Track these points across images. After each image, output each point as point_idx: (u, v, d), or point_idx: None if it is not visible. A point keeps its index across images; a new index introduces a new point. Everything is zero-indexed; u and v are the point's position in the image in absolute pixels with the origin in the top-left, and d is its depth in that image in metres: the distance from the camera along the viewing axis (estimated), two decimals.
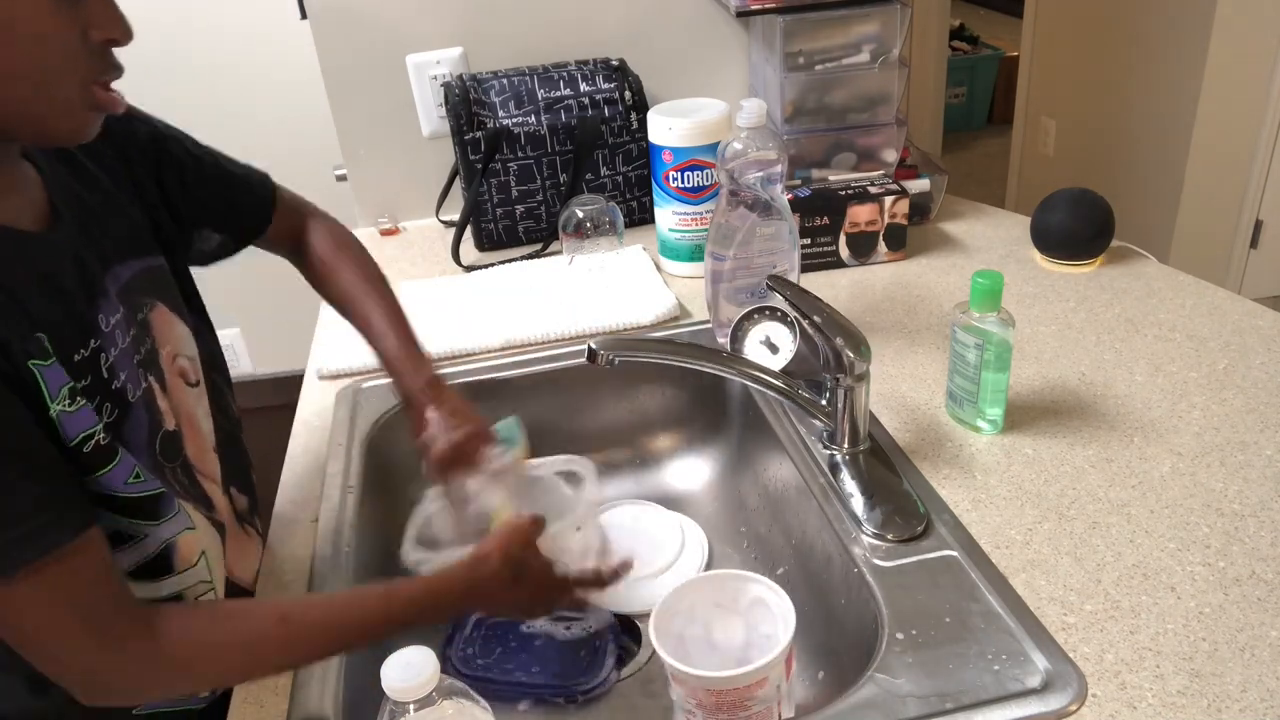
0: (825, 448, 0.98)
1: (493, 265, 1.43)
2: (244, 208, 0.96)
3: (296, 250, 1.02)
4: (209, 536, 0.83)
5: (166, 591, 0.79)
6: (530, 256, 1.46)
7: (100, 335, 0.71)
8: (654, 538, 1.08)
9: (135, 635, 0.66)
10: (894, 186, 1.33)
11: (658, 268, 1.37)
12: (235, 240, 0.96)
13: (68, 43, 0.63)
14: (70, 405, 0.67)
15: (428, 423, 0.91)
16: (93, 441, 0.69)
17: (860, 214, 1.32)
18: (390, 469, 1.12)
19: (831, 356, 0.91)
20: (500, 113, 1.43)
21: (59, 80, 0.64)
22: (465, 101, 1.41)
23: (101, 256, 0.74)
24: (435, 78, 1.51)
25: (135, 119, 0.85)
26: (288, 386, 1.21)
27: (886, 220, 1.33)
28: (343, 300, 1.00)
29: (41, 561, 0.61)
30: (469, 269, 1.44)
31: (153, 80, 0.72)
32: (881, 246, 1.35)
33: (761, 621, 0.79)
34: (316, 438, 1.10)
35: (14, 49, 0.61)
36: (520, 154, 1.44)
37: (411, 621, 0.76)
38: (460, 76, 1.46)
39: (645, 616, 0.77)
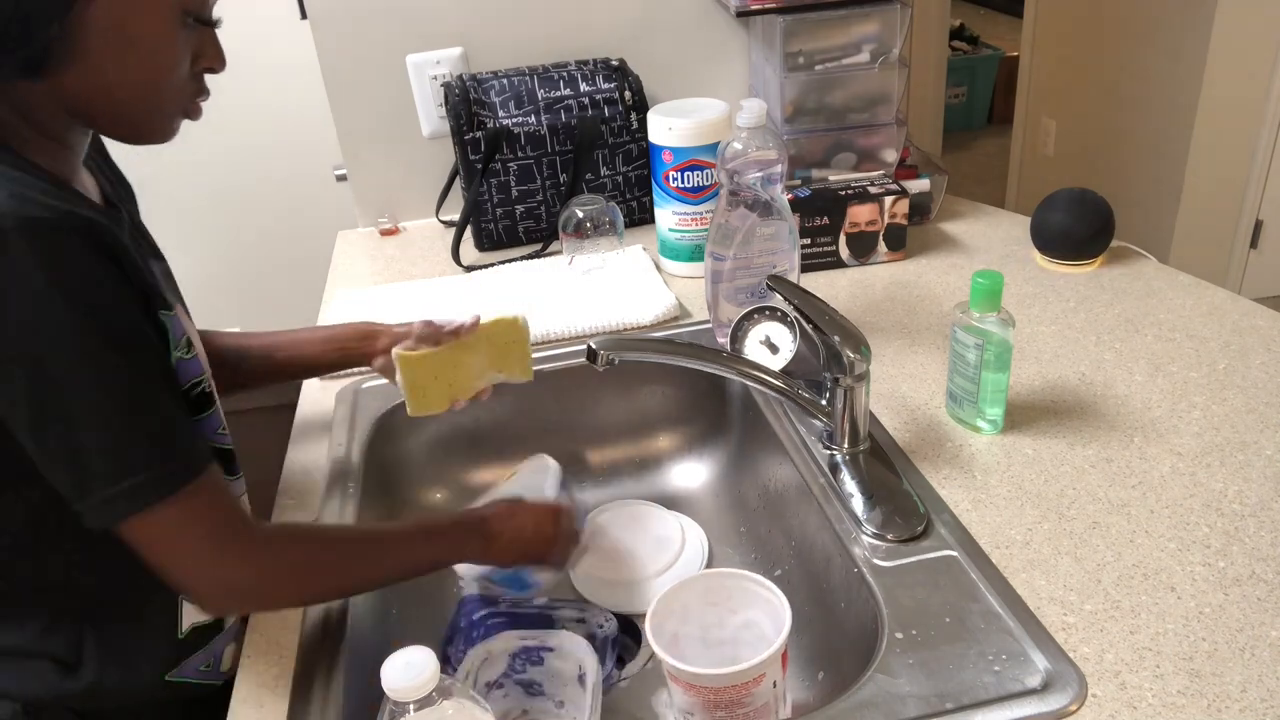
0: (825, 448, 0.98)
1: (493, 265, 1.43)
2: None
3: None
4: (248, 506, 0.89)
5: None
6: (530, 256, 1.46)
7: (180, 302, 0.78)
8: (654, 538, 1.08)
9: (257, 543, 0.73)
10: (894, 186, 1.33)
11: (658, 268, 1.37)
12: None
13: (181, 64, 0.72)
14: (186, 353, 0.75)
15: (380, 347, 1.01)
16: (199, 388, 0.77)
17: (860, 214, 1.32)
18: (390, 469, 1.12)
19: (831, 356, 0.91)
20: (500, 113, 1.43)
21: (168, 94, 0.72)
22: (465, 101, 1.41)
23: (140, 249, 0.80)
24: (435, 78, 1.51)
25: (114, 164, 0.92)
26: (288, 387, 1.22)
27: (886, 220, 1.33)
28: (235, 344, 1.03)
29: (192, 484, 0.67)
30: (469, 269, 1.44)
31: None
32: (881, 246, 1.35)
33: (757, 619, 0.79)
34: (316, 438, 1.10)
35: (142, 60, 0.69)
36: (520, 154, 1.44)
37: (442, 550, 0.85)
38: (460, 76, 1.46)
39: (644, 617, 0.77)
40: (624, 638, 0.97)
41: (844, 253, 1.35)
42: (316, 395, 1.18)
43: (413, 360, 0.94)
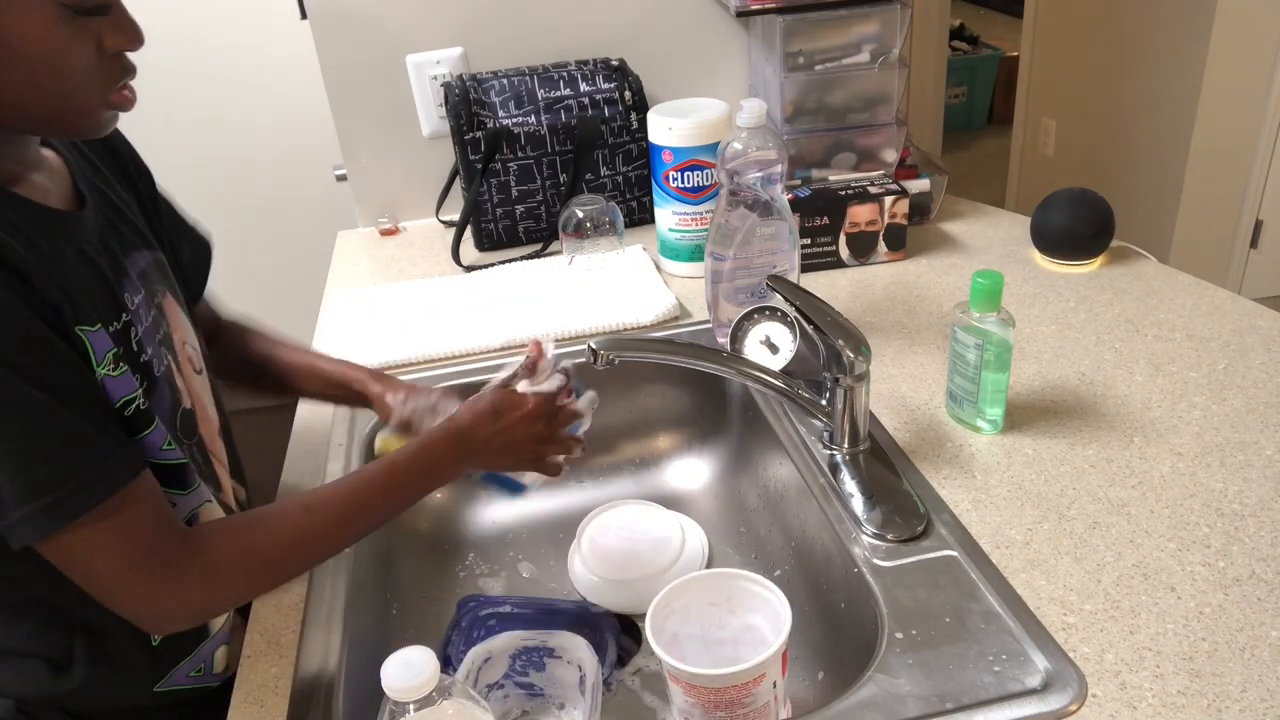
0: (825, 448, 0.98)
1: (493, 265, 1.43)
2: (189, 259, 0.97)
3: (212, 339, 1.02)
4: (219, 514, 0.86)
5: None
6: (530, 256, 1.46)
7: (128, 311, 0.74)
8: (654, 538, 1.08)
9: (188, 557, 0.69)
10: (894, 186, 1.33)
11: (658, 268, 1.37)
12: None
13: (83, 55, 0.66)
14: (114, 370, 0.70)
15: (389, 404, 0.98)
16: (133, 406, 0.72)
17: (860, 214, 1.32)
18: None
19: (831, 356, 0.91)
20: (500, 113, 1.43)
21: (79, 90, 0.68)
22: (465, 101, 1.41)
23: (120, 242, 0.79)
24: (435, 78, 1.51)
25: (127, 142, 0.89)
26: None
27: (886, 220, 1.33)
28: (262, 351, 1.03)
29: (109, 501, 0.65)
30: (469, 269, 1.44)
31: (153, 81, 0.73)
32: (881, 246, 1.35)
33: (757, 619, 0.79)
34: (316, 438, 1.10)
35: (32, 66, 0.65)
36: (520, 154, 1.44)
37: (416, 482, 0.80)
38: (460, 76, 1.46)
39: (644, 617, 0.77)
40: (624, 638, 0.97)
41: (844, 253, 1.35)
42: None
43: (392, 445, 0.96)
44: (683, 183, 1.30)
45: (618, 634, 0.97)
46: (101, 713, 0.82)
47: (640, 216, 1.52)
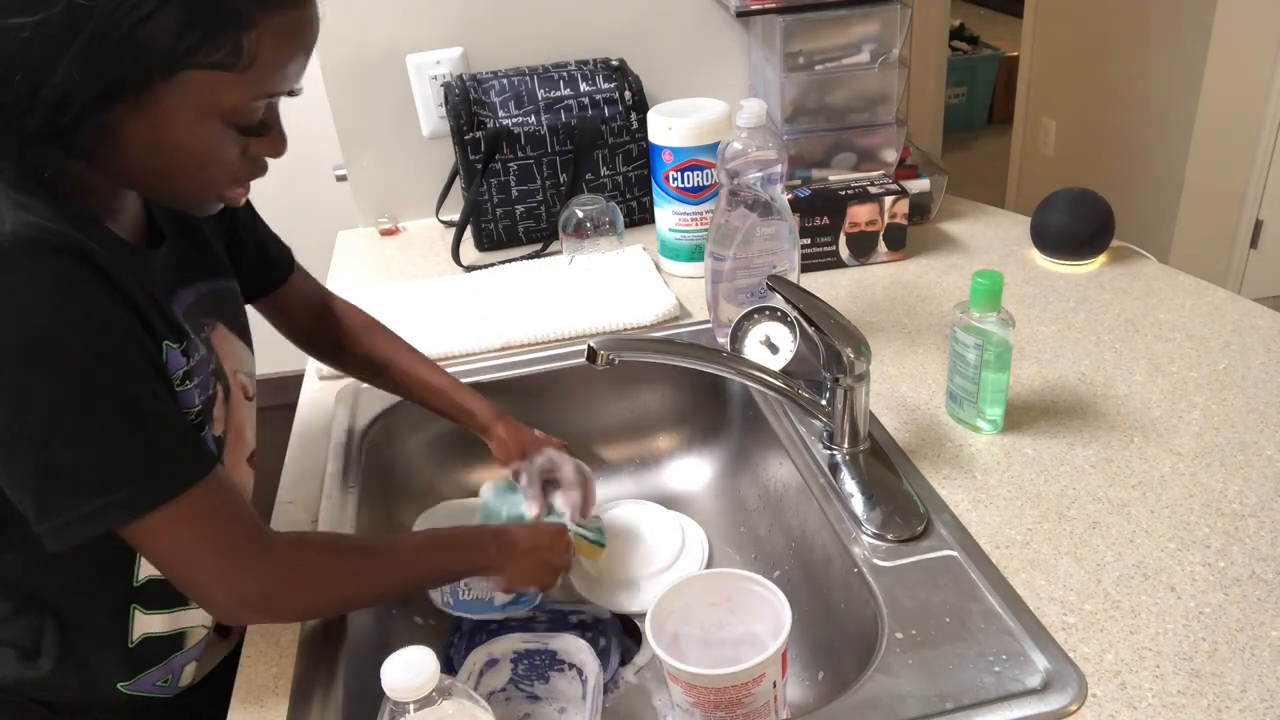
0: (825, 448, 0.98)
1: (493, 265, 1.43)
2: (269, 260, 1.00)
3: (319, 316, 1.06)
4: None
5: None
6: (530, 256, 1.46)
7: (186, 338, 0.76)
8: (654, 538, 1.08)
9: (262, 552, 0.72)
10: (894, 186, 1.33)
11: (658, 268, 1.37)
12: (250, 290, 0.98)
13: (229, 158, 0.70)
14: (181, 386, 0.74)
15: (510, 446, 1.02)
16: (191, 419, 0.76)
17: (860, 214, 1.32)
18: (390, 469, 1.12)
19: (831, 356, 0.91)
20: (500, 113, 1.43)
21: (212, 184, 0.72)
22: (465, 101, 1.41)
23: (190, 273, 0.81)
24: (435, 78, 1.51)
25: None
26: (288, 387, 1.22)
27: (886, 220, 1.33)
28: (385, 355, 1.05)
29: (192, 490, 0.67)
30: (469, 269, 1.44)
31: None
32: (881, 246, 1.35)
33: (757, 619, 0.79)
34: (316, 438, 1.10)
35: (181, 162, 0.68)
36: (520, 154, 1.44)
37: (461, 563, 0.86)
38: (460, 76, 1.46)
39: (644, 617, 0.77)
40: (625, 639, 0.97)
41: (844, 253, 1.35)
42: (316, 395, 1.18)
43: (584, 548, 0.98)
44: (683, 183, 1.30)
45: (620, 635, 0.97)
46: (69, 705, 0.82)
47: (640, 216, 1.52)
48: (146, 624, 0.82)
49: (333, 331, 1.05)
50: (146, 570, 0.80)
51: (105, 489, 0.65)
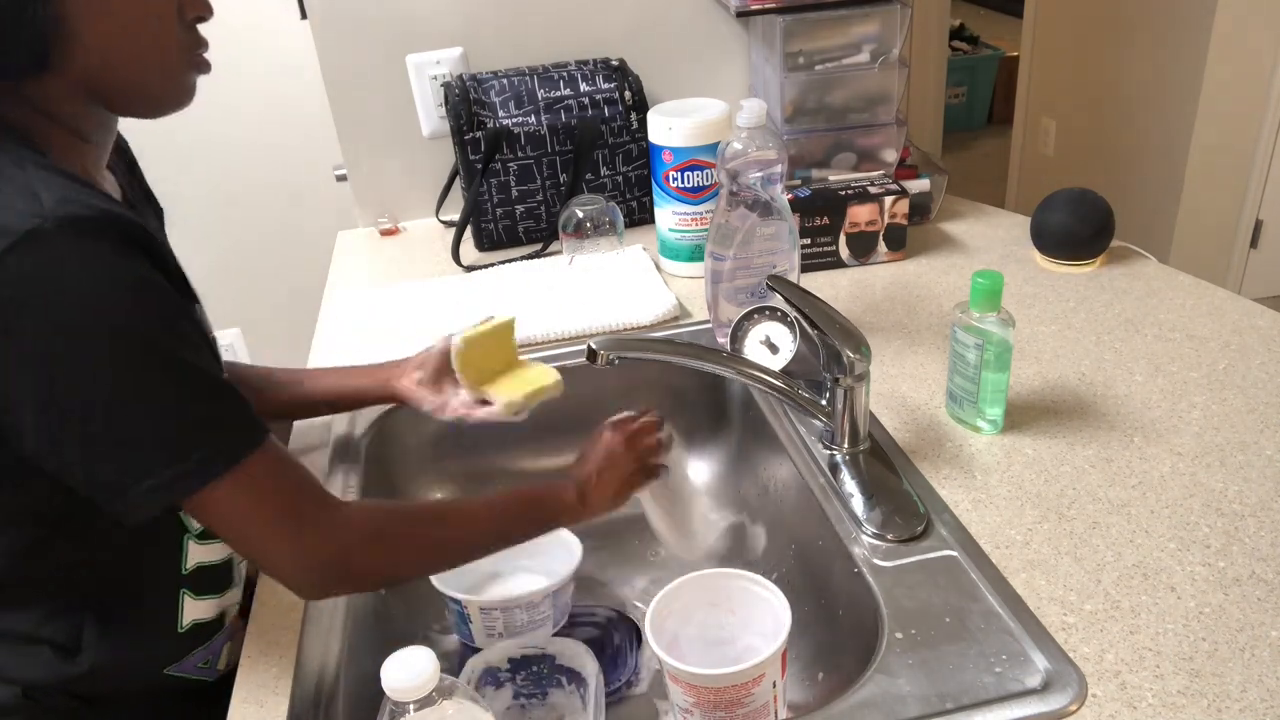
0: (825, 448, 0.98)
1: (493, 265, 1.43)
2: None
3: None
4: None
5: (219, 556, 0.86)
6: (530, 256, 1.46)
7: (199, 302, 0.77)
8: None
9: (328, 520, 0.73)
10: (894, 186, 1.33)
11: (658, 268, 1.37)
12: None
13: (169, 20, 0.72)
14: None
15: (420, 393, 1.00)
16: None
17: (860, 214, 1.32)
18: (390, 468, 1.12)
19: (831, 356, 0.91)
20: (500, 113, 1.43)
21: (169, 52, 0.73)
22: (465, 101, 1.41)
23: None
24: (435, 78, 1.51)
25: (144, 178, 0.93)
26: None
27: (886, 220, 1.33)
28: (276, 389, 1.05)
29: (251, 458, 0.68)
30: (469, 269, 1.44)
31: None
32: (881, 246, 1.35)
33: (756, 619, 0.79)
34: (316, 438, 1.10)
35: (131, 27, 0.70)
36: (520, 154, 1.44)
37: (534, 520, 0.85)
38: (460, 76, 1.46)
39: (644, 617, 0.77)
40: (624, 640, 0.97)
41: (844, 253, 1.35)
42: None
43: (471, 339, 0.97)
44: (683, 183, 1.30)
45: (630, 639, 0.96)
46: (108, 696, 0.82)
47: (640, 216, 1.52)
48: (196, 610, 0.84)
49: None
50: (195, 556, 0.82)
51: (176, 458, 0.66)
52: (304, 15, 1.47)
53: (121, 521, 0.67)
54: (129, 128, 0.84)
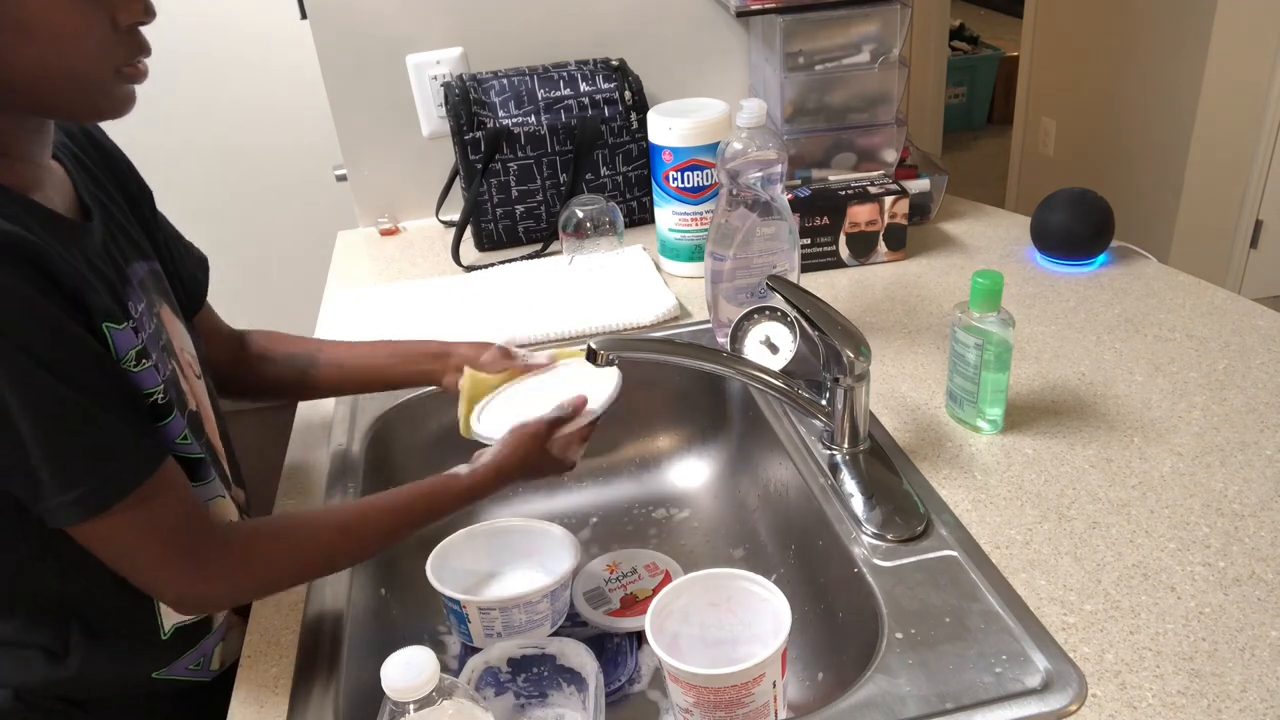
0: (825, 448, 0.98)
1: (493, 265, 1.43)
2: (189, 272, 0.97)
3: (231, 344, 1.03)
4: (230, 511, 0.89)
5: None
6: (530, 256, 1.46)
7: (133, 318, 0.75)
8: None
9: (216, 550, 0.73)
10: (894, 186, 1.33)
11: (658, 268, 1.37)
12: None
13: (97, 32, 0.67)
14: (136, 365, 0.73)
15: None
16: (153, 399, 0.75)
17: (860, 214, 1.32)
18: (390, 469, 1.12)
19: (831, 356, 0.91)
20: (500, 113, 1.43)
21: (94, 69, 0.68)
22: (465, 101, 1.41)
23: (121, 252, 0.80)
24: (435, 78, 1.51)
25: (128, 160, 0.90)
26: None
27: (886, 220, 1.33)
28: (308, 350, 1.04)
29: (137, 492, 0.67)
30: (469, 269, 1.44)
31: (152, 81, 0.73)
32: (881, 246, 1.35)
33: (756, 619, 0.79)
34: (316, 438, 1.10)
35: (44, 46, 0.65)
36: (520, 154, 1.44)
37: (451, 508, 0.85)
38: (460, 76, 1.46)
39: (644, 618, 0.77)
40: (624, 640, 0.97)
41: (844, 253, 1.35)
42: None
43: (480, 380, 0.96)
44: (683, 183, 1.30)
45: (630, 638, 0.96)
46: (99, 699, 0.82)
47: (640, 216, 1.52)
48: (175, 615, 0.83)
49: (249, 349, 1.03)
50: None
51: (61, 488, 0.65)
52: (304, 15, 1.47)
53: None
54: (130, 127, 0.84)
